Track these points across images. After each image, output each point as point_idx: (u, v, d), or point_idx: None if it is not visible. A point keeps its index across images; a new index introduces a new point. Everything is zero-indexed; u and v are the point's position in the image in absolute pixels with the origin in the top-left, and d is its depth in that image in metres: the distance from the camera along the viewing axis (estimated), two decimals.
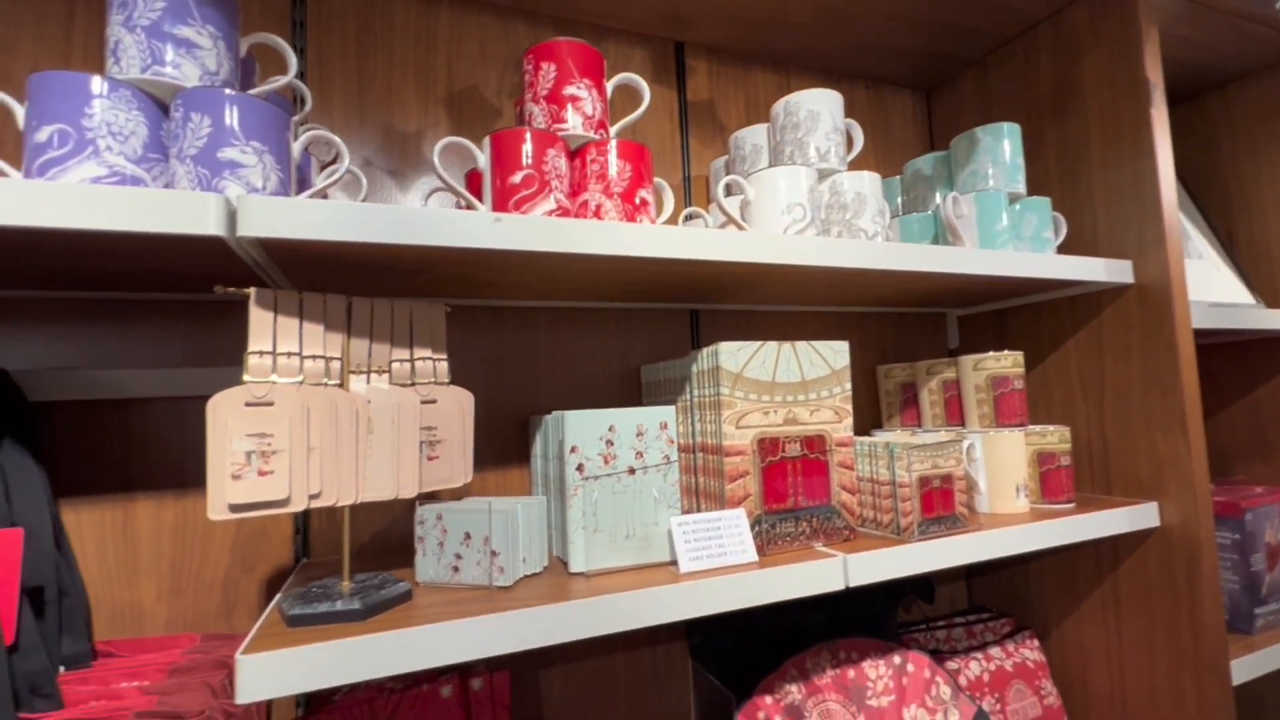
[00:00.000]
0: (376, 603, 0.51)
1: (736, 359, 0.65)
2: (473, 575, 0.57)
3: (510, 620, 0.50)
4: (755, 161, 0.83)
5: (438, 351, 0.61)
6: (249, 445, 0.49)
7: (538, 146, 0.58)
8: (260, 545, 0.71)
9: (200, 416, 0.70)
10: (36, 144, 0.45)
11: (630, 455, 0.62)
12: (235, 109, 0.48)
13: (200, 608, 0.68)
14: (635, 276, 0.69)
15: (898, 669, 0.78)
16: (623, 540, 0.61)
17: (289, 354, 0.51)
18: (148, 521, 0.67)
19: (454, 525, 0.58)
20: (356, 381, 0.56)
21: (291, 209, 0.46)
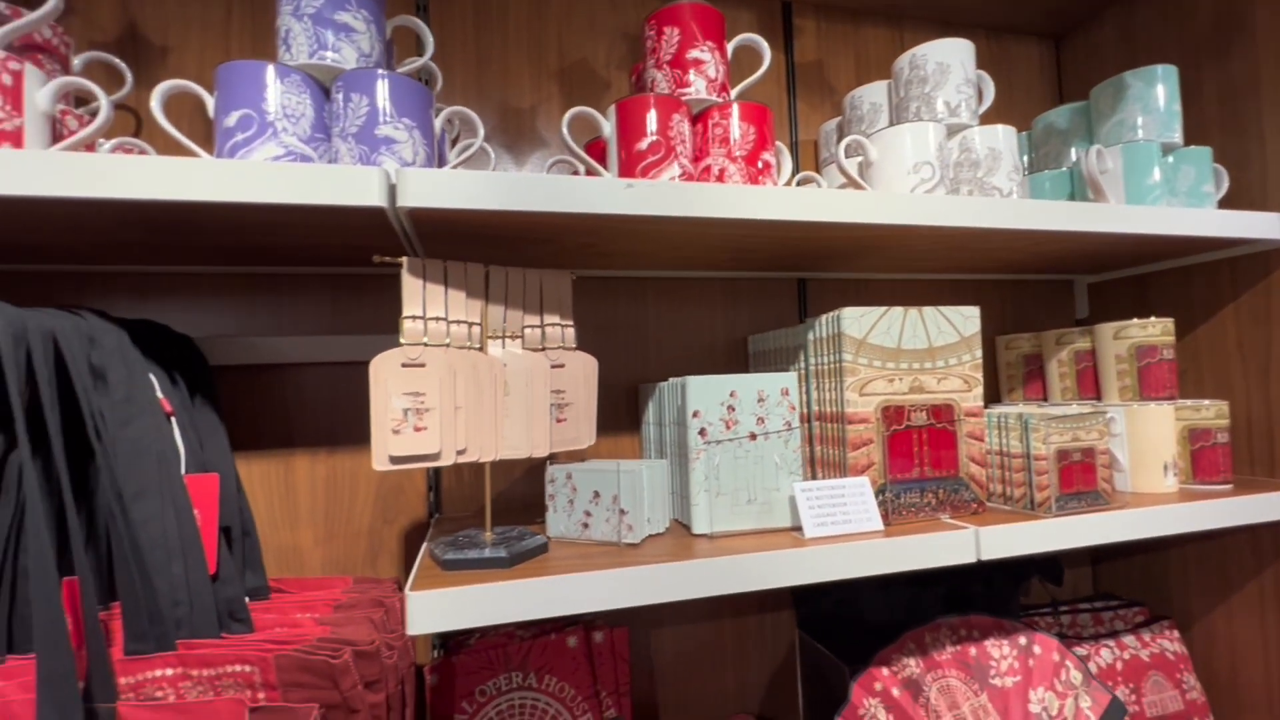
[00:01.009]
0: (520, 552, 0.54)
1: (860, 325, 0.63)
2: (602, 532, 0.60)
3: (644, 574, 0.51)
4: (874, 121, 0.79)
5: (565, 318, 0.63)
6: (406, 403, 0.53)
7: (663, 112, 0.58)
8: (399, 500, 0.77)
9: (346, 380, 0.76)
10: (226, 128, 0.50)
11: (751, 421, 0.62)
12: (390, 88, 0.51)
13: (350, 553, 0.75)
14: (753, 243, 0.68)
15: (1023, 650, 0.74)
16: (744, 504, 0.62)
17: (437, 319, 0.55)
18: (304, 475, 0.75)
19: (583, 484, 0.61)
20: (493, 346, 0.59)
21: (446, 180, 0.49)
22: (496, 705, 0.64)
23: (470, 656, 0.65)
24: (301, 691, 0.49)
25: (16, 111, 0.47)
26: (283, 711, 0.46)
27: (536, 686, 0.65)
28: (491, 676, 0.65)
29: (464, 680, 0.64)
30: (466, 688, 0.64)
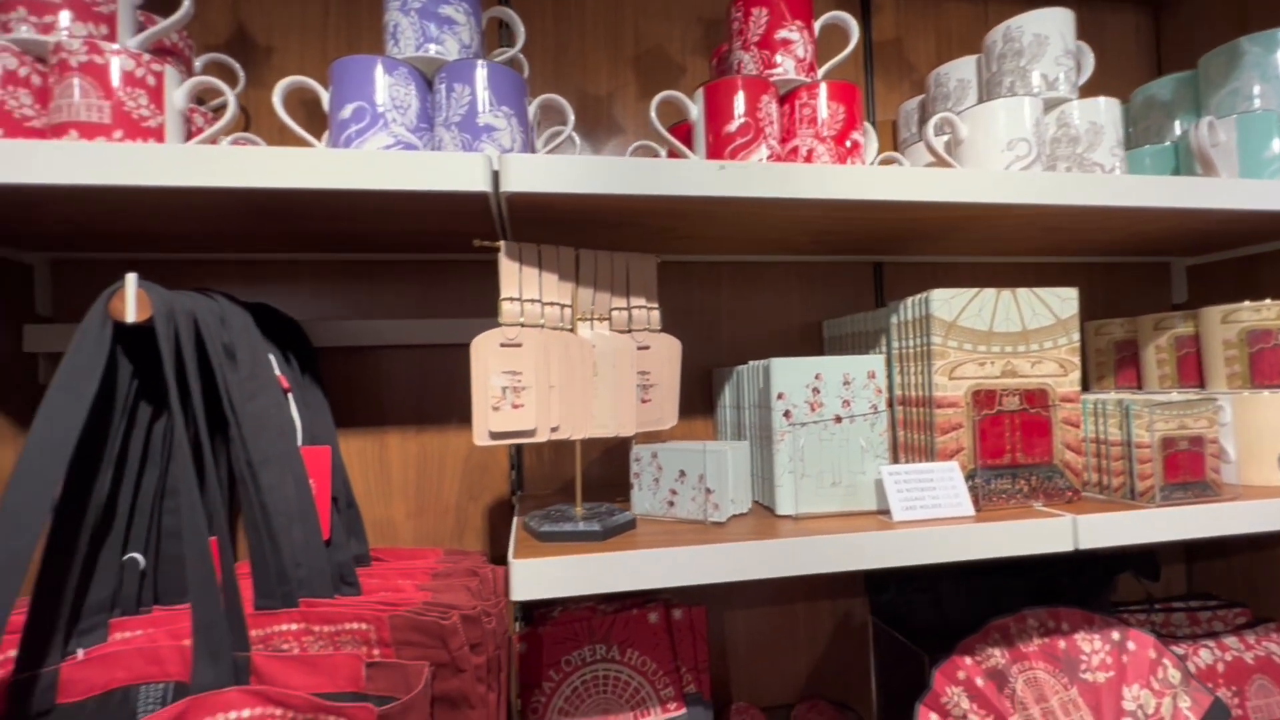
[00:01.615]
0: (611, 527, 0.56)
1: (950, 307, 0.62)
2: (687, 510, 0.61)
3: (737, 550, 0.52)
4: (961, 98, 0.77)
5: (650, 301, 0.64)
6: (504, 381, 0.55)
7: (752, 94, 0.58)
8: (483, 478, 0.80)
9: (434, 362, 0.80)
10: (341, 120, 0.53)
11: (837, 403, 0.62)
12: (490, 78, 0.53)
13: (438, 527, 0.79)
14: (837, 224, 0.68)
15: (1117, 645, 0.72)
16: (829, 487, 0.62)
17: (532, 300, 0.57)
18: (397, 452, 0.79)
19: (669, 463, 0.62)
20: (583, 328, 0.61)
21: (546, 165, 0.50)
22: (581, 675, 0.66)
23: (556, 628, 0.67)
24: (413, 650, 0.52)
25: (159, 110, 0.51)
26: (396, 668, 0.49)
27: (619, 659, 0.67)
28: (576, 648, 0.67)
29: (550, 650, 0.67)
30: (553, 657, 0.66)
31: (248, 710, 0.43)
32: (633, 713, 0.65)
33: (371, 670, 0.50)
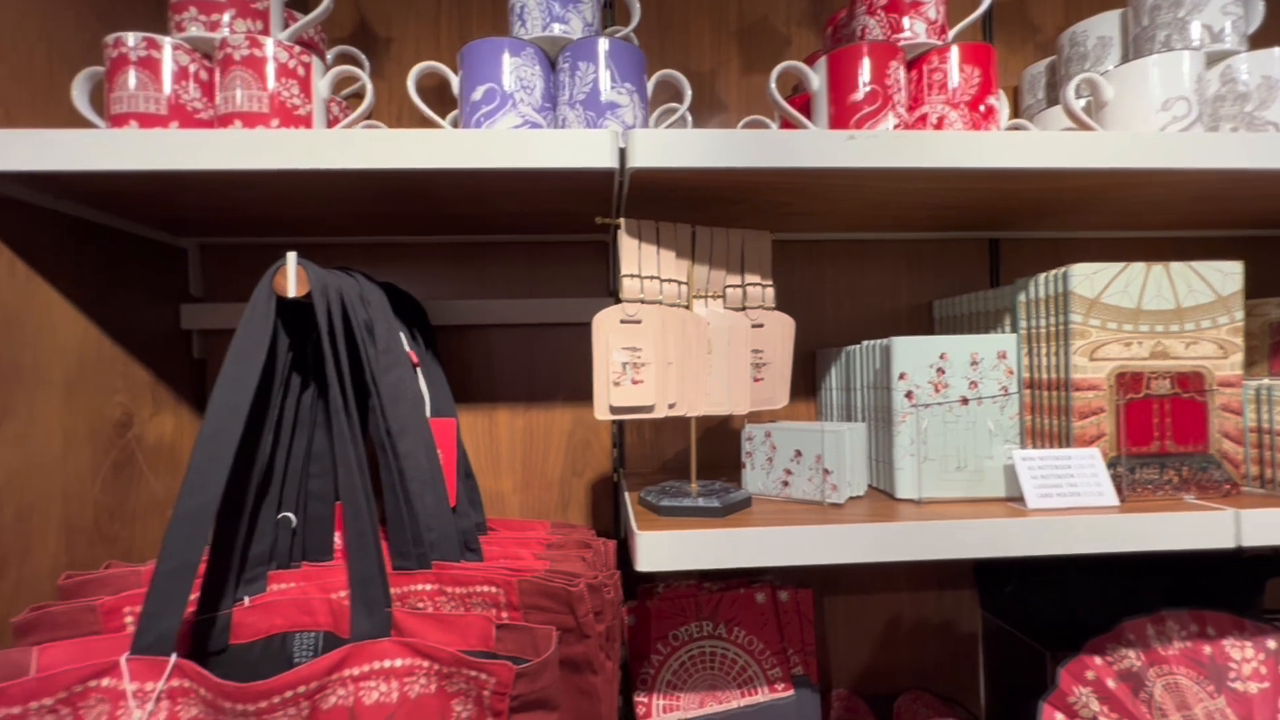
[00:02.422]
0: (730, 503, 0.56)
1: (1092, 284, 0.58)
2: (803, 491, 0.60)
3: (865, 532, 0.51)
4: (1100, 58, 0.71)
5: (765, 278, 0.63)
6: (624, 357, 0.56)
7: (879, 60, 0.56)
8: (586, 455, 0.82)
9: (539, 341, 0.82)
10: (472, 102, 0.54)
11: (963, 384, 0.59)
12: (614, 55, 0.54)
13: (544, 501, 0.82)
14: (961, 198, 0.64)
15: (1272, 654, 0.66)
16: (953, 471, 0.59)
17: (651, 277, 0.57)
18: (505, 427, 0.81)
19: (784, 443, 0.61)
20: (698, 305, 0.61)
21: (673, 140, 0.50)
22: (689, 650, 0.67)
23: (663, 602, 0.68)
24: (540, 614, 0.54)
25: (308, 99, 0.55)
26: (525, 630, 0.51)
27: (726, 637, 0.67)
28: (683, 623, 0.68)
29: (658, 624, 0.68)
30: (661, 631, 0.67)
31: (400, 660, 0.46)
32: (740, 690, 0.66)
33: (501, 632, 0.52)
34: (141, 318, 0.69)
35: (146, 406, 0.69)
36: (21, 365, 0.54)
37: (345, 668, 0.45)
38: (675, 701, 0.65)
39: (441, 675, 0.47)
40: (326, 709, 0.44)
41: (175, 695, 0.43)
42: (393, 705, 0.45)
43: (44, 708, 0.41)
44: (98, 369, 0.63)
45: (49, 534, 0.57)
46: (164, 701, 0.42)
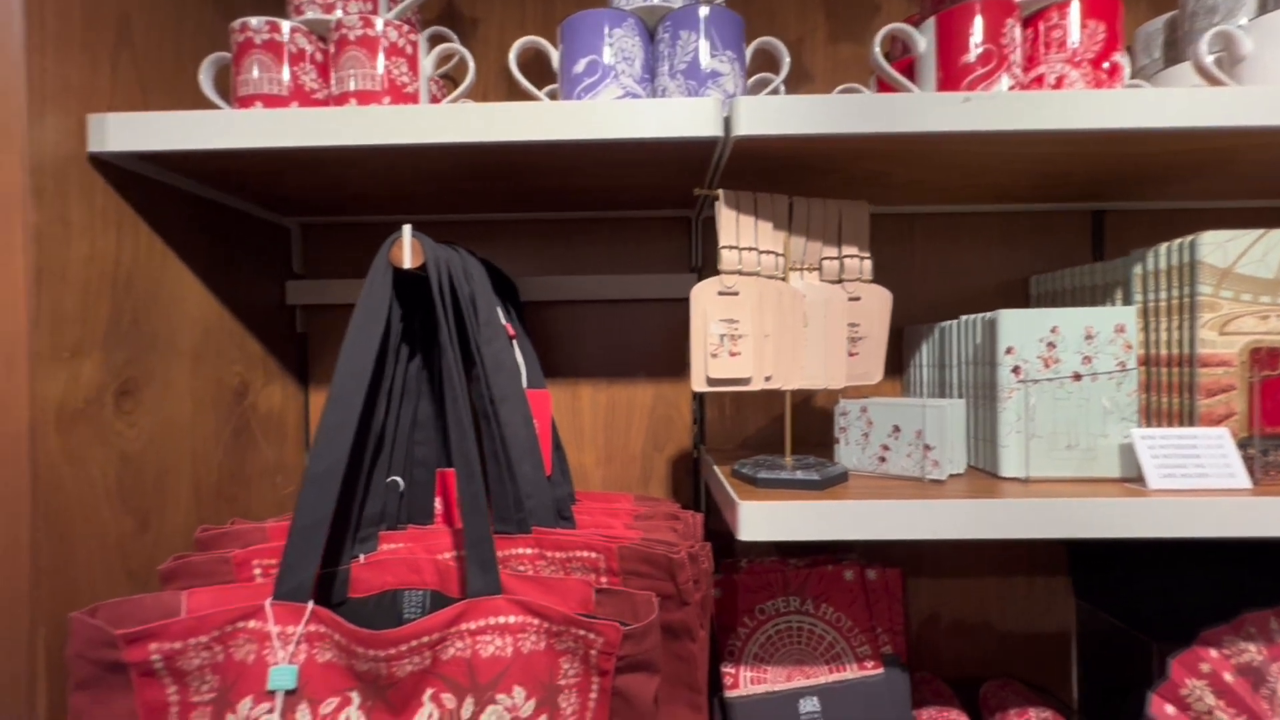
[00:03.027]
0: (828, 477, 0.55)
1: (1225, 252, 0.54)
2: (901, 467, 0.59)
3: (967, 507, 0.50)
4: (1231, 11, 0.65)
5: (862, 250, 0.61)
6: (721, 329, 0.56)
7: (993, 18, 0.53)
8: (668, 430, 0.83)
9: (621, 317, 0.82)
10: (574, 75, 0.55)
11: (1075, 360, 0.57)
12: (715, 23, 0.53)
13: (625, 475, 0.83)
14: (1075, 164, 0.61)
15: None
16: (1063, 450, 0.57)
17: (749, 248, 0.57)
18: (588, 402, 0.83)
19: (881, 419, 0.60)
20: (794, 278, 0.60)
21: (778, 107, 0.49)
22: (776, 625, 0.67)
23: (750, 576, 0.69)
24: (639, 580, 0.55)
25: (415, 76, 0.56)
26: (625, 596, 0.52)
27: (813, 613, 0.67)
28: (770, 598, 0.68)
29: (745, 597, 0.68)
30: (747, 604, 0.68)
31: (513, 617, 0.48)
32: (828, 666, 0.65)
33: (600, 596, 0.53)
34: (253, 293, 0.73)
35: (259, 377, 0.73)
36: (159, 335, 0.59)
37: (463, 621, 0.47)
38: (763, 674, 0.65)
39: (551, 634, 0.49)
40: (446, 659, 0.46)
41: (312, 639, 0.46)
42: (508, 659, 0.47)
43: (200, 644, 0.44)
44: (219, 340, 0.67)
45: (182, 493, 0.61)
46: (303, 644, 0.45)
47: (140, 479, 0.56)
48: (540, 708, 0.47)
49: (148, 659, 0.43)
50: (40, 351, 0.47)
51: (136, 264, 0.56)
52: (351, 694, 0.45)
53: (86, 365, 0.51)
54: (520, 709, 0.46)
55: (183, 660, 0.44)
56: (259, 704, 0.44)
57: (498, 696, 0.46)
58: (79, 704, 0.44)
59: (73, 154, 0.50)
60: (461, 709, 0.46)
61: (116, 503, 0.53)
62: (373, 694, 0.46)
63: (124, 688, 0.43)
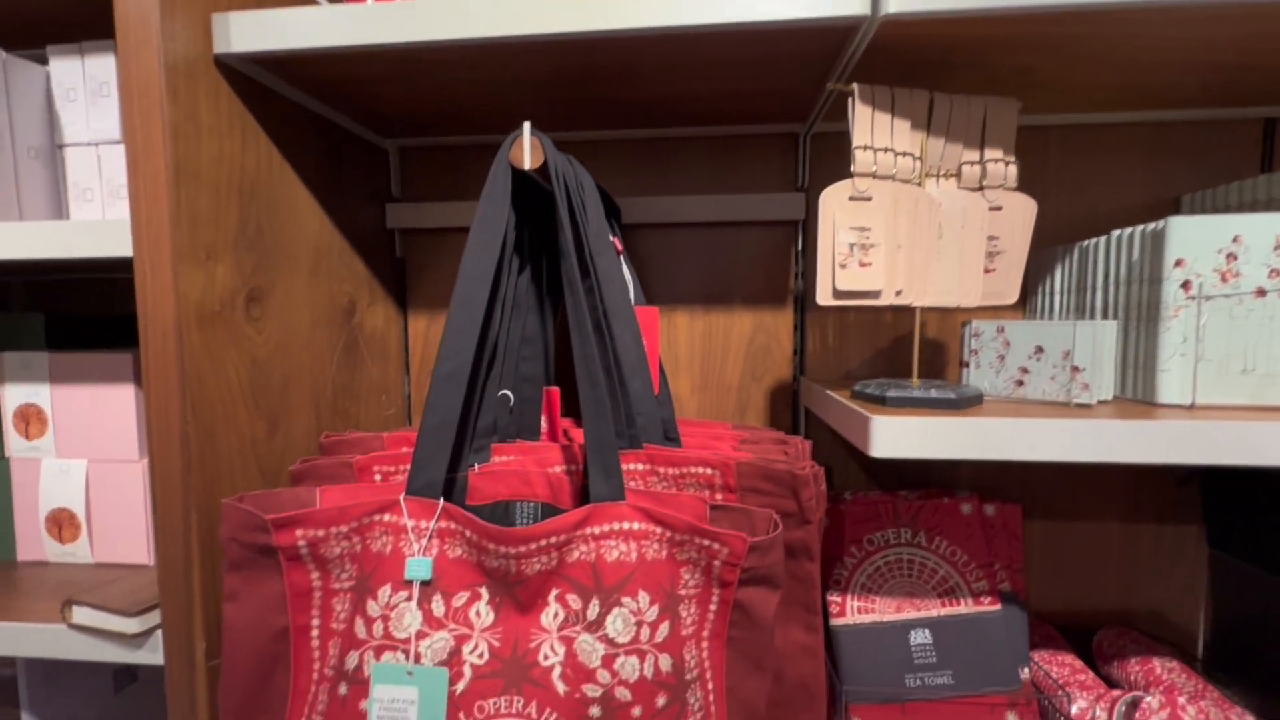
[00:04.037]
0: (964, 397, 0.51)
1: None
2: (1042, 391, 0.54)
3: (1128, 429, 0.45)
4: None
5: (1007, 153, 0.56)
6: (851, 238, 0.52)
7: None
8: (766, 360, 0.80)
9: (720, 242, 0.79)
10: None
11: (1261, 273, 0.50)
12: None
13: (721, 405, 0.81)
14: (1253, 55, 0.53)
15: None
16: (1236, 375, 0.51)
17: (884, 149, 0.52)
18: (684, 329, 0.81)
19: (1020, 339, 0.55)
20: (929, 184, 0.55)
21: None
22: (884, 556, 0.65)
23: (859, 506, 0.66)
24: (758, 498, 0.53)
25: None
26: (741, 512, 0.51)
27: (925, 546, 0.64)
28: (879, 529, 0.65)
29: (853, 527, 0.66)
30: (855, 534, 0.66)
31: (636, 524, 0.47)
32: (940, 600, 0.63)
33: (715, 513, 0.52)
34: (357, 214, 0.73)
35: (365, 297, 0.75)
36: (280, 246, 0.60)
37: (587, 525, 0.47)
38: (870, 604, 0.63)
39: (673, 543, 0.48)
40: (571, 562, 0.46)
41: (444, 535, 0.46)
42: (632, 564, 0.47)
43: (340, 534, 0.46)
44: (330, 257, 0.68)
45: (304, 402, 0.63)
46: (435, 540, 0.46)
47: (268, 384, 0.58)
48: (663, 614, 0.47)
49: (294, 544, 0.45)
50: (181, 249, 0.48)
51: (259, 172, 0.56)
52: (481, 589, 0.46)
53: (220, 269, 0.52)
54: (644, 613, 0.46)
55: (325, 548, 0.46)
56: (397, 592, 0.45)
57: (623, 599, 0.46)
58: (233, 584, 0.46)
59: (199, 54, 0.50)
60: (587, 610, 0.46)
61: (250, 405, 0.56)
62: (501, 591, 0.46)
63: (273, 570, 0.46)
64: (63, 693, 0.68)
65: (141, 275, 0.48)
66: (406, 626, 0.44)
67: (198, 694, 0.51)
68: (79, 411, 0.67)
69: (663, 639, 0.46)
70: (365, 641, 0.45)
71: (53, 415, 0.68)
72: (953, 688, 0.60)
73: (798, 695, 0.55)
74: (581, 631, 0.46)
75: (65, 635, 0.54)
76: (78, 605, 0.54)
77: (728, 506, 0.51)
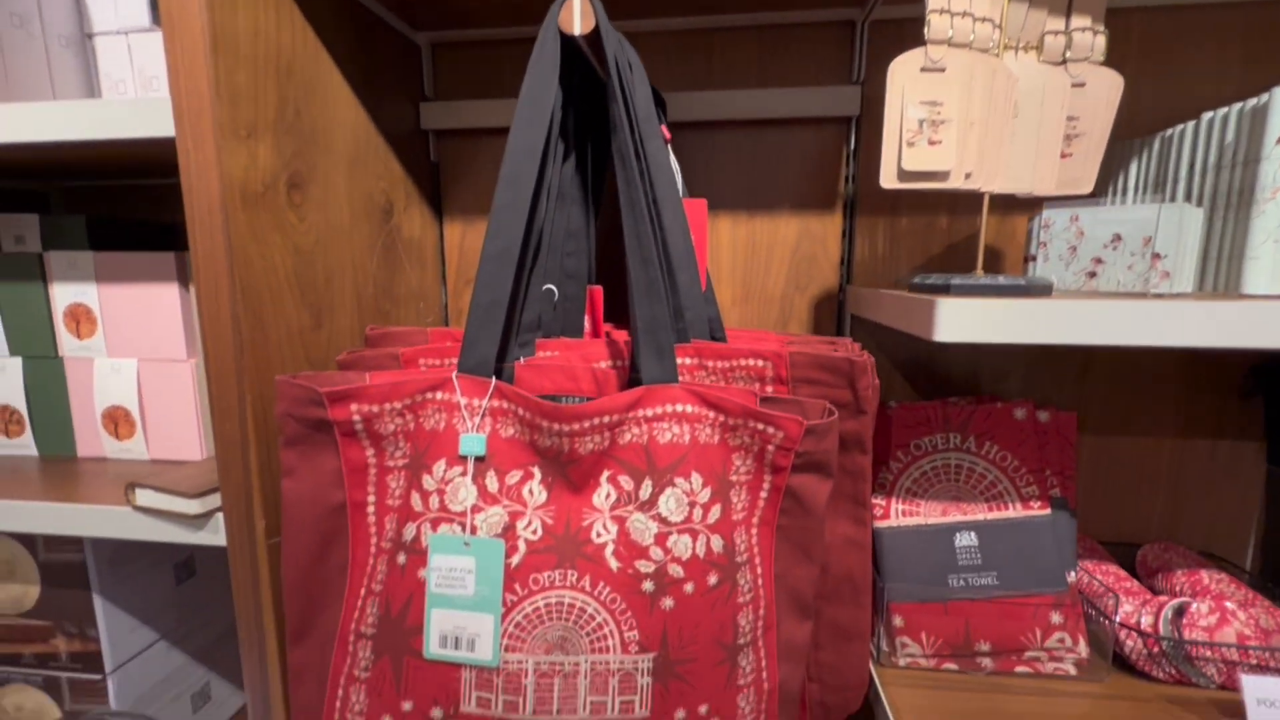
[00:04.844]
0: (1034, 284, 0.49)
1: None
2: (1117, 281, 0.51)
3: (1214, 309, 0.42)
4: None
5: (1097, 21, 0.51)
6: (921, 113, 0.49)
7: None
8: (811, 269, 0.77)
9: (768, 142, 0.75)
10: None
11: None
12: None
13: (763, 316, 0.79)
14: None
15: None
16: None
17: (962, 13, 0.48)
18: (726, 236, 0.78)
19: (1096, 227, 0.52)
20: (1006, 57, 0.51)
21: None
22: (931, 461, 0.64)
23: (906, 411, 0.65)
24: (811, 389, 0.52)
25: None
26: (793, 403, 0.49)
27: (975, 451, 0.63)
28: (927, 433, 0.64)
29: (899, 431, 0.65)
30: (902, 439, 0.65)
31: (690, 406, 0.46)
32: (988, 505, 0.62)
33: (766, 404, 0.51)
34: (391, 110, 0.71)
35: (401, 198, 0.73)
36: (318, 132, 0.58)
37: (640, 407, 0.46)
38: (915, 507, 0.63)
39: (726, 428, 0.47)
40: (623, 444, 0.46)
41: (495, 414, 0.46)
42: (685, 446, 0.46)
43: (394, 410, 0.46)
44: (367, 152, 0.66)
45: (345, 299, 0.63)
46: (487, 418, 0.46)
47: (313, 275, 0.57)
48: (714, 498, 0.46)
49: (349, 418, 0.45)
50: (223, 124, 0.46)
51: (295, 50, 0.54)
52: (534, 469, 0.46)
53: (261, 149, 0.51)
54: (697, 495, 0.46)
55: (379, 424, 0.46)
56: (452, 467, 0.45)
57: (676, 480, 0.46)
58: (290, 460, 0.47)
59: None
60: (640, 490, 0.46)
61: (296, 295, 0.55)
62: (554, 471, 0.46)
63: (329, 446, 0.46)
64: (128, 580, 0.72)
65: (184, 151, 0.47)
66: (462, 500, 0.45)
67: (260, 571, 0.53)
68: (127, 312, 0.68)
69: (714, 520, 0.46)
70: (422, 514, 0.45)
71: (101, 315, 0.69)
72: (997, 588, 0.60)
73: (843, 588, 0.56)
74: (634, 511, 0.46)
75: (130, 517, 0.56)
76: (141, 488, 0.56)
77: (778, 398, 0.50)
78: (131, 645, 0.72)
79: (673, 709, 0.44)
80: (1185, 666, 0.57)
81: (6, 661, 0.72)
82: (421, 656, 0.44)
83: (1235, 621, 0.57)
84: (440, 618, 0.44)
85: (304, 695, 0.49)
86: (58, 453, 0.72)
